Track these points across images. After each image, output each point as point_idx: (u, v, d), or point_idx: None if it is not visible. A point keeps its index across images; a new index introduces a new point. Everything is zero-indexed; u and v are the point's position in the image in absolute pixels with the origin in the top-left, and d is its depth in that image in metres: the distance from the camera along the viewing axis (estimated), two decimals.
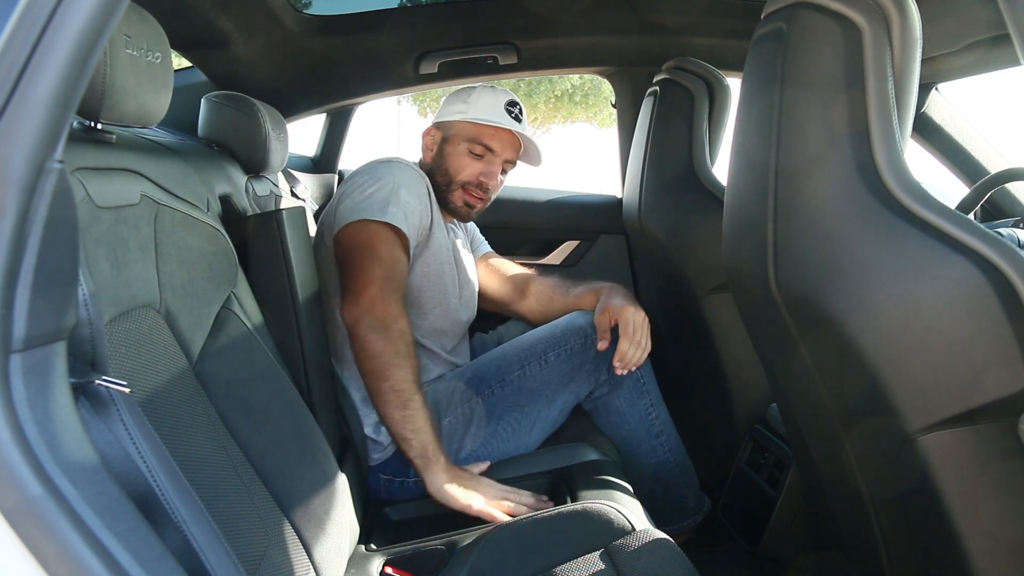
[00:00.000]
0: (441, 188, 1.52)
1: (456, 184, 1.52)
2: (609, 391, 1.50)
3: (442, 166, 1.53)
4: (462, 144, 1.51)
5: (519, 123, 1.52)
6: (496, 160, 1.52)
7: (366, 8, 1.86)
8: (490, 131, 1.50)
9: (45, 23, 0.50)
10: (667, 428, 1.54)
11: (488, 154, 1.51)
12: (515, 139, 1.54)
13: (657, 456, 1.52)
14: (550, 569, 0.98)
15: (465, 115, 1.50)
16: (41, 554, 0.48)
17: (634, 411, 1.50)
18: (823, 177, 0.81)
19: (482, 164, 1.51)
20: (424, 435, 1.24)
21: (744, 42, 1.04)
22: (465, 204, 1.53)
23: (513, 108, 1.52)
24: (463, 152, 1.51)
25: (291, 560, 0.86)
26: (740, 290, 1.10)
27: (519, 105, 1.54)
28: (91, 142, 0.79)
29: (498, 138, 1.51)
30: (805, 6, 0.83)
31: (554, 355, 1.43)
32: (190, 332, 0.86)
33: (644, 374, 1.51)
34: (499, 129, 1.50)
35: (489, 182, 1.52)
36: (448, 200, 1.53)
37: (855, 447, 0.95)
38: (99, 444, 0.54)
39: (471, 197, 1.53)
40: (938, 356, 0.75)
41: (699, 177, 1.60)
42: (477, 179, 1.51)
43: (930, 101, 1.72)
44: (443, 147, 1.53)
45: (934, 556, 0.90)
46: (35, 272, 0.50)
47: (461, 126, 1.52)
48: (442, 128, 1.55)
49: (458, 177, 1.51)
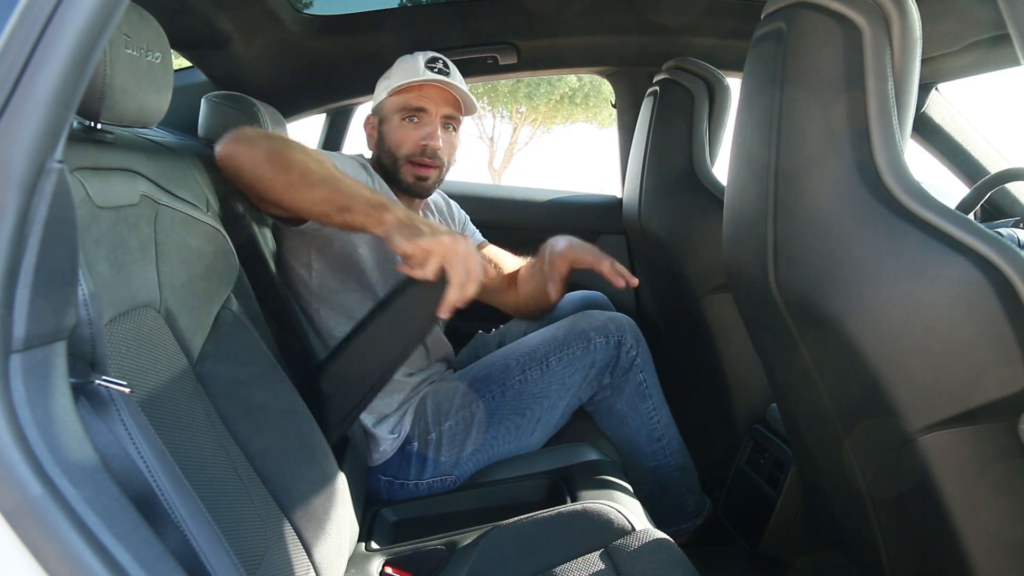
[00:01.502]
0: (390, 171, 1.46)
1: (401, 159, 1.44)
2: (611, 395, 1.49)
3: (384, 147, 1.46)
4: (395, 117, 1.44)
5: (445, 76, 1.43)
6: (431, 119, 1.43)
7: (366, 8, 1.86)
8: (415, 91, 1.42)
9: (45, 23, 0.50)
10: (669, 431, 1.53)
11: (421, 115, 1.43)
12: (447, 94, 1.44)
13: (658, 460, 1.52)
14: (550, 569, 0.98)
15: (388, 87, 1.44)
16: (41, 554, 0.48)
17: (636, 415, 1.50)
18: (823, 177, 0.81)
19: (419, 128, 1.43)
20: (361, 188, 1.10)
21: (744, 42, 1.04)
22: (416, 178, 1.45)
23: (435, 63, 1.44)
24: (398, 125, 1.44)
25: (291, 560, 0.85)
26: (740, 290, 1.10)
27: (441, 59, 1.46)
28: (91, 142, 0.79)
29: (426, 96, 1.43)
30: (805, 6, 0.83)
31: (555, 360, 1.43)
32: (190, 332, 0.86)
33: (647, 377, 1.50)
34: (424, 86, 1.42)
35: (430, 142, 1.42)
36: (400, 179, 1.45)
37: (855, 447, 0.95)
38: (99, 444, 0.54)
39: (420, 168, 1.44)
40: (938, 356, 0.75)
41: (699, 177, 1.60)
42: (418, 146, 1.43)
43: (930, 101, 1.72)
44: (381, 129, 1.47)
45: (934, 556, 0.90)
46: (35, 272, 0.50)
47: (389, 101, 1.45)
48: (377, 112, 1.49)
49: (400, 151, 1.44)
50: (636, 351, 1.48)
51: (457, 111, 1.48)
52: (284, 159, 1.10)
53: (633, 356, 1.48)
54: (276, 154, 1.10)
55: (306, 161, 1.10)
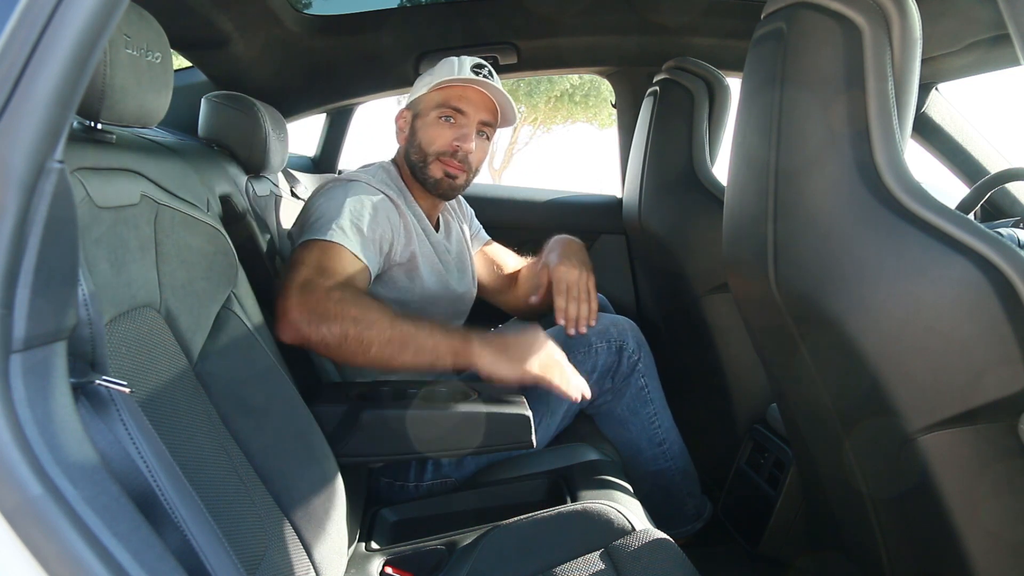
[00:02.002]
0: (417, 166, 1.44)
1: (431, 156, 1.42)
2: (612, 399, 1.49)
3: (415, 143, 1.44)
4: (431, 114, 1.42)
5: (491, 80, 1.42)
6: (468, 123, 1.42)
7: (366, 8, 1.86)
8: (457, 91, 1.41)
9: (45, 23, 0.50)
10: (670, 436, 1.53)
11: (459, 116, 1.41)
12: (488, 101, 1.43)
13: (659, 464, 1.51)
14: (550, 569, 0.98)
15: (430, 83, 1.42)
16: (41, 554, 0.48)
17: (637, 419, 1.50)
18: (823, 177, 0.81)
19: (453, 129, 1.42)
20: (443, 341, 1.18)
21: (744, 42, 1.04)
22: (445, 175, 1.43)
23: (480, 69, 1.42)
24: (433, 121, 1.42)
25: (291, 560, 0.85)
26: (740, 290, 1.10)
27: (487, 67, 1.44)
28: (91, 142, 0.79)
29: (466, 99, 1.42)
30: (805, 6, 0.83)
31: None
32: (190, 332, 0.86)
33: (648, 382, 1.49)
34: (467, 88, 1.41)
35: (464, 145, 1.41)
36: (427, 176, 1.44)
37: (855, 447, 0.95)
38: (99, 444, 0.54)
39: (450, 167, 1.43)
40: (938, 356, 0.75)
41: (699, 177, 1.60)
42: (451, 146, 1.41)
43: (930, 101, 1.72)
44: (415, 124, 1.45)
45: (934, 556, 0.90)
46: (35, 272, 0.50)
47: (428, 96, 1.43)
48: (412, 107, 1.47)
49: (431, 148, 1.42)
50: (638, 355, 1.48)
51: (494, 119, 1.47)
52: (357, 341, 1.13)
53: (635, 361, 1.47)
54: (347, 338, 1.13)
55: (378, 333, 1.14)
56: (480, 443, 1.15)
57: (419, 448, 1.14)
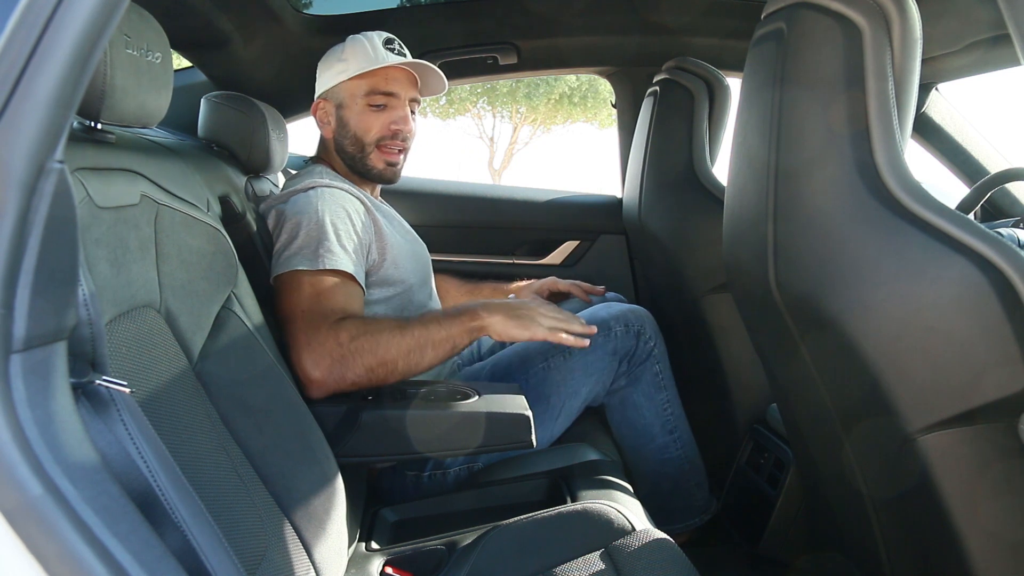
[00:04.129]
0: (355, 158, 1.41)
1: (370, 145, 1.40)
2: (627, 384, 1.50)
3: (348, 134, 1.41)
4: (359, 102, 1.39)
5: (405, 57, 1.40)
6: (400, 103, 1.40)
7: (366, 8, 1.86)
8: (381, 75, 1.38)
9: (45, 23, 0.50)
10: (681, 424, 1.54)
11: (390, 99, 1.39)
12: (410, 75, 1.41)
13: (669, 452, 1.52)
14: (550, 569, 0.98)
15: (347, 72, 1.38)
16: (41, 554, 0.48)
17: (651, 405, 1.51)
18: (823, 177, 0.81)
19: (388, 113, 1.39)
20: (453, 326, 1.20)
21: (744, 42, 1.04)
22: (387, 164, 1.42)
23: (392, 44, 1.40)
24: (363, 110, 1.39)
25: (291, 560, 0.85)
26: (740, 290, 1.10)
27: (397, 40, 1.42)
28: (91, 142, 0.79)
29: (393, 79, 1.39)
30: (805, 6, 0.83)
31: (577, 348, 1.42)
32: (190, 332, 0.86)
33: (663, 369, 1.52)
34: (390, 69, 1.38)
35: (403, 128, 1.40)
36: (368, 167, 1.42)
37: (855, 447, 0.95)
38: (99, 444, 0.54)
39: (389, 153, 1.41)
40: (938, 356, 0.75)
41: (699, 177, 1.60)
42: (390, 130, 1.39)
43: (930, 101, 1.73)
44: (340, 115, 1.41)
45: (934, 556, 0.90)
46: (35, 272, 0.50)
47: (349, 84, 1.39)
48: (330, 96, 1.42)
49: (369, 137, 1.39)
50: (654, 342, 1.50)
51: (418, 91, 1.45)
52: (383, 367, 1.15)
53: (651, 347, 1.49)
54: (373, 370, 1.14)
55: (397, 348, 1.15)
56: (480, 443, 1.16)
57: (419, 448, 1.14)
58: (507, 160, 13.15)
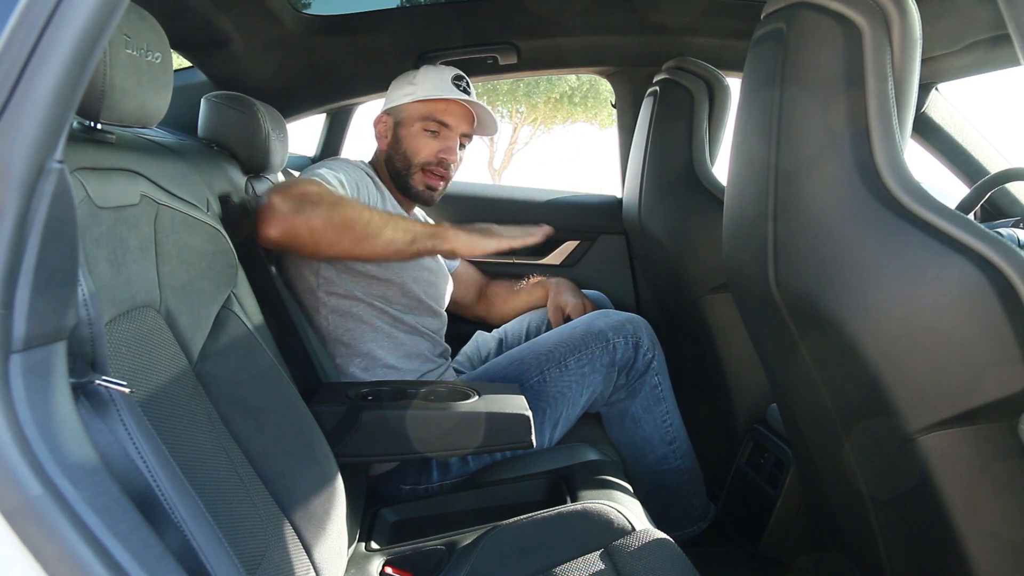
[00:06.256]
0: (401, 174, 1.51)
1: (415, 167, 1.49)
2: (625, 397, 1.50)
3: (399, 151, 1.50)
4: (416, 125, 1.49)
5: (468, 95, 1.50)
6: (452, 135, 1.50)
7: (366, 8, 1.86)
8: (441, 106, 1.48)
9: (45, 23, 0.50)
10: (680, 435, 1.54)
11: (444, 130, 1.49)
12: (468, 112, 1.52)
13: (668, 463, 1.52)
14: (550, 569, 0.98)
15: (414, 95, 1.49)
16: (41, 554, 0.48)
17: (650, 417, 1.51)
18: (823, 177, 0.81)
19: (439, 141, 1.49)
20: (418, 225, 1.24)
21: (744, 42, 1.04)
22: (427, 187, 1.51)
23: (460, 82, 1.50)
24: (417, 133, 1.49)
25: (291, 560, 0.85)
26: (740, 290, 1.10)
27: (466, 79, 1.52)
28: (91, 142, 0.79)
29: (451, 112, 1.49)
30: (805, 6, 0.83)
31: (574, 360, 1.43)
32: (190, 332, 0.86)
33: (661, 380, 1.51)
34: (451, 102, 1.48)
35: (448, 158, 1.50)
36: (409, 185, 1.51)
37: (855, 447, 0.95)
38: (99, 444, 0.53)
39: (431, 178, 1.50)
40: (938, 356, 0.75)
41: (699, 177, 1.59)
42: (436, 157, 1.49)
43: (930, 101, 1.72)
44: (397, 132, 1.51)
45: (934, 556, 0.90)
46: (35, 272, 0.50)
47: (412, 107, 1.50)
48: (393, 113, 1.53)
49: (417, 159, 1.49)
50: (652, 353, 1.50)
51: (472, 130, 1.54)
52: (341, 220, 1.17)
53: (649, 359, 1.49)
54: (332, 218, 1.16)
55: (360, 213, 1.19)
56: (480, 443, 1.16)
57: (419, 448, 1.14)
58: (507, 160, 13.15)
